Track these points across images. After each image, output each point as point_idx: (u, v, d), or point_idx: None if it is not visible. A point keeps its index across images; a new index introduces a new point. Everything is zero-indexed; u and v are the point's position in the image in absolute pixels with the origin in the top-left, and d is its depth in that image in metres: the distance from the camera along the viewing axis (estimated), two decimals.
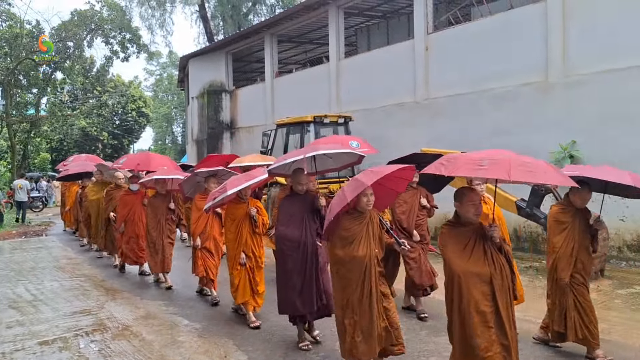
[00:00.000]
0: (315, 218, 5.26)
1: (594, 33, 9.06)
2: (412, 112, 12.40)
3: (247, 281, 6.04)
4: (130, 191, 8.92)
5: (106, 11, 26.72)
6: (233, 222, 6.06)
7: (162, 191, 8.02)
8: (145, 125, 47.84)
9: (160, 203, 8.02)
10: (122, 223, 8.82)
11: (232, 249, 6.06)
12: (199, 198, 7.00)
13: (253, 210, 6.00)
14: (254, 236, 6.08)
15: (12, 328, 6.22)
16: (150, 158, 9.73)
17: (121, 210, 8.87)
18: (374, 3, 15.49)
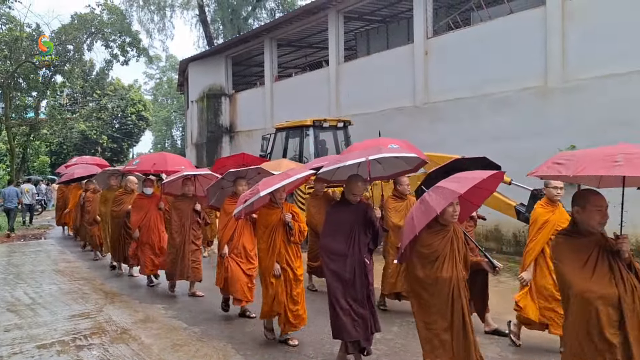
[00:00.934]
0: (367, 231, 4.71)
1: (593, 38, 9.08)
2: (412, 117, 12.42)
3: (283, 296, 5.34)
4: (144, 195, 8.33)
5: (106, 15, 26.75)
6: (266, 230, 5.43)
7: (189, 193, 7.37)
8: (144, 129, 47.85)
9: (186, 205, 7.37)
10: (137, 229, 8.19)
11: (265, 260, 5.43)
12: (228, 202, 6.30)
13: (288, 216, 5.33)
14: (289, 245, 5.40)
15: (10, 331, 6.19)
16: (166, 158, 9.00)
17: (135, 215, 8.19)
18: (374, 7, 15.53)
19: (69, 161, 16.73)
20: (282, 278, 5.35)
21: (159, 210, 8.17)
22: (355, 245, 4.65)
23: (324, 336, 5.48)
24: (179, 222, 7.38)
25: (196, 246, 7.46)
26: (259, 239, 5.57)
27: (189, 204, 7.39)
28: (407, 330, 5.80)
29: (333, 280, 4.65)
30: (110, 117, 42.03)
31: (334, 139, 12.13)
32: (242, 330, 5.99)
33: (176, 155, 10.16)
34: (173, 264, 7.43)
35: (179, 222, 7.38)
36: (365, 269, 4.65)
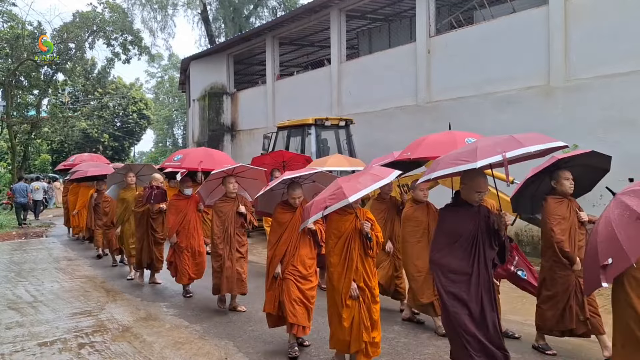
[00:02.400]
0: (492, 242, 3.81)
1: (596, 37, 9.06)
2: (414, 116, 12.40)
3: (359, 323, 4.44)
4: (182, 195, 7.42)
5: (108, 13, 26.75)
6: (338, 241, 4.53)
7: (232, 194, 6.44)
8: (146, 128, 47.89)
9: (229, 207, 6.43)
10: (175, 234, 7.29)
11: (339, 277, 4.51)
12: (280, 210, 5.25)
13: (366, 225, 4.45)
14: (366, 260, 4.53)
15: (11, 329, 6.19)
16: (212, 155, 8.11)
17: (172, 218, 7.30)
18: (376, 6, 15.51)
19: (67, 160, 15.85)
20: (359, 300, 4.47)
21: (198, 212, 7.43)
22: (481, 262, 3.75)
23: (326, 334, 5.46)
24: (222, 227, 6.42)
25: (241, 254, 6.52)
26: (330, 252, 4.60)
27: (232, 206, 6.44)
28: (408, 330, 5.78)
29: (456, 305, 3.75)
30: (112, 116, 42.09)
31: (336, 138, 12.13)
32: (244, 329, 5.98)
33: (222, 152, 9.02)
34: (218, 275, 6.49)
35: (222, 226, 6.42)
36: (493, 292, 3.79)
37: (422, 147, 5.79)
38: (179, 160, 7.88)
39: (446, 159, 3.74)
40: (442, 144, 5.62)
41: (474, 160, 3.47)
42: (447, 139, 5.81)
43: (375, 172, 4.47)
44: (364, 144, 12.16)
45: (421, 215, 5.70)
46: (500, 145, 3.58)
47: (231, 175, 6.46)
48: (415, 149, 5.87)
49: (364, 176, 4.37)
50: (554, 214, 4.78)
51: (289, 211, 5.17)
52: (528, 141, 3.61)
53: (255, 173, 6.72)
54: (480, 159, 3.43)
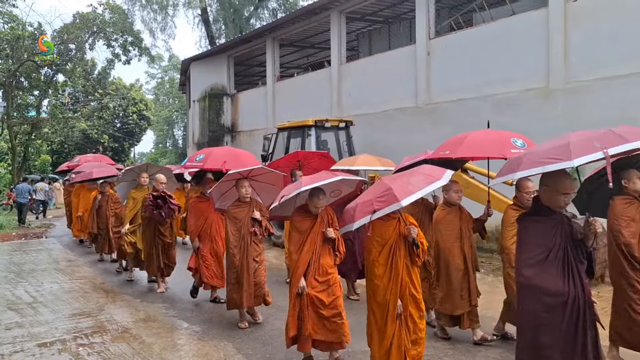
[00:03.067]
0: (581, 255, 3.22)
1: (596, 39, 9.07)
2: (414, 117, 12.41)
3: (404, 341, 4.02)
4: (203, 197, 7.00)
5: (108, 14, 26.81)
6: (383, 249, 4.07)
7: (245, 199, 5.92)
8: (146, 128, 47.95)
9: (244, 213, 5.91)
10: (197, 238, 6.93)
11: (384, 291, 4.04)
12: (298, 217, 4.75)
13: (414, 230, 4.01)
14: (412, 269, 4.11)
15: (11, 330, 6.20)
16: (237, 154, 7.48)
17: (194, 221, 6.93)
18: (376, 8, 15.53)
19: (72, 160, 15.20)
20: (405, 315, 4.04)
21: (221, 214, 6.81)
22: (576, 279, 3.13)
23: None
24: (238, 235, 5.90)
25: (257, 262, 5.97)
26: (373, 263, 4.11)
27: (247, 212, 5.94)
28: None
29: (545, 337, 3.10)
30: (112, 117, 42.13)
31: (336, 139, 12.14)
32: (243, 330, 5.98)
33: (247, 152, 8.17)
34: (233, 287, 5.95)
35: (238, 234, 5.90)
36: (592, 315, 3.13)
37: (465, 146, 5.28)
38: (201, 160, 7.22)
39: (531, 158, 3.16)
40: (487, 142, 5.28)
41: (569, 158, 2.94)
42: (492, 138, 5.45)
43: (427, 171, 4.02)
44: (364, 146, 12.15)
45: (454, 219, 5.36)
46: (598, 140, 3.02)
47: (245, 178, 5.96)
48: (456, 147, 5.35)
49: (416, 177, 3.92)
50: (622, 215, 4.42)
51: (308, 218, 4.68)
52: (632, 135, 3.02)
53: (273, 178, 6.19)
54: (577, 157, 2.91)
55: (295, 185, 4.67)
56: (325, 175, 4.64)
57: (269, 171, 6.21)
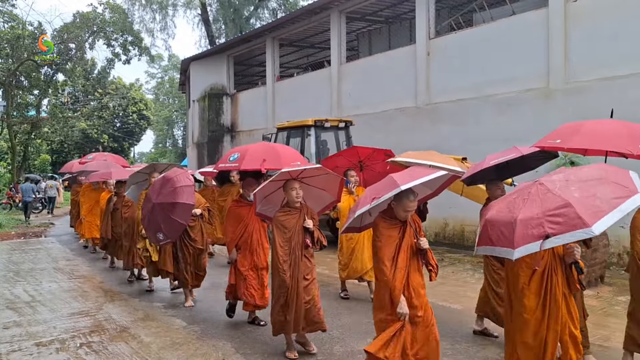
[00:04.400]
0: None
1: (596, 40, 9.07)
2: (414, 117, 12.41)
3: None
4: (243, 201, 5.95)
5: (108, 14, 26.82)
6: (534, 274, 3.34)
7: (295, 204, 4.92)
8: (146, 128, 47.99)
9: (294, 221, 4.90)
10: (234, 249, 5.89)
11: (536, 329, 3.30)
12: (386, 224, 3.94)
13: (577, 250, 3.31)
14: (570, 299, 3.40)
15: (9, 329, 6.18)
16: (277, 151, 6.28)
17: (232, 229, 5.87)
18: (376, 8, 15.53)
19: (84, 157, 13.78)
20: None
21: (263, 222, 5.89)
22: None
23: (324, 335, 5.46)
24: (288, 248, 4.88)
25: (308, 280, 4.92)
26: (522, 292, 3.36)
27: (298, 219, 4.92)
28: None
29: None
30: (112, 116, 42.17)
31: (336, 139, 12.13)
32: (242, 329, 5.96)
33: (288, 147, 7.05)
34: (283, 311, 4.92)
35: (288, 247, 4.88)
36: None
37: (582, 136, 4.58)
38: (236, 160, 6.22)
39: None
40: (610, 134, 4.52)
41: None
42: (617, 129, 4.58)
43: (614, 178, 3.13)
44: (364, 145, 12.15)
45: None
46: None
47: (295, 179, 4.94)
48: (570, 136, 4.64)
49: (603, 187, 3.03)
50: None
51: (396, 225, 3.90)
52: None
53: (326, 181, 5.16)
54: None
55: (388, 184, 3.73)
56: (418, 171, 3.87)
57: (324, 173, 5.10)
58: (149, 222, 6.48)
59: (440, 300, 6.94)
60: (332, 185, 5.19)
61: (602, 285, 7.67)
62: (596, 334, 4.82)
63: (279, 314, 4.95)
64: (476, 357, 4.96)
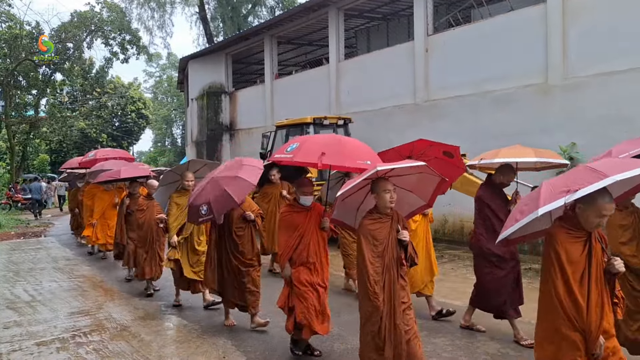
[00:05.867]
0: None
1: (594, 35, 9.07)
2: (412, 114, 12.40)
3: None
4: (297, 206, 4.99)
5: (106, 12, 26.77)
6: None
7: (387, 209, 3.96)
8: (144, 127, 47.92)
9: (386, 231, 3.94)
10: (288, 263, 4.85)
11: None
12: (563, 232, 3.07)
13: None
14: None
15: (9, 328, 6.19)
16: (342, 143, 4.80)
17: (285, 239, 4.89)
18: (374, 5, 15.51)
19: (86, 156, 12.60)
20: None
21: (322, 230, 4.87)
22: None
23: None
24: (381, 265, 3.89)
25: (405, 304, 3.94)
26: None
27: (391, 229, 3.96)
28: None
29: None
30: (110, 115, 42.10)
31: None
32: (243, 327, 5.97)
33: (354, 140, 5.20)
34: (376, 346, 3.88)
35: (381, 263, 3.89)
36: None
37: None
38: (293, 150, 4.88)
39: None
40: None
41: None
42: None
43: None
44: None
45: None
46: None
47: (386, 180, 3.98)
48: None
49: None
50: None
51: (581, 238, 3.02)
52: None
53: (421, 182, 4.28)
54: None
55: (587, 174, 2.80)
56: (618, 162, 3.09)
57: (421, 172, 4.14)
58: (196, 197, 5.45)
59: (440, 296, 6.95)
60: (424, 187, 4.31)
61: None
62: None
63: (369, 351, 3.91)
64: (476, 353, 4.97)
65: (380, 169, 3.81)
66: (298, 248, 4.83)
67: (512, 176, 5.40)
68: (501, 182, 5.42)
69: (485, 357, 4.86)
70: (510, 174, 5.38)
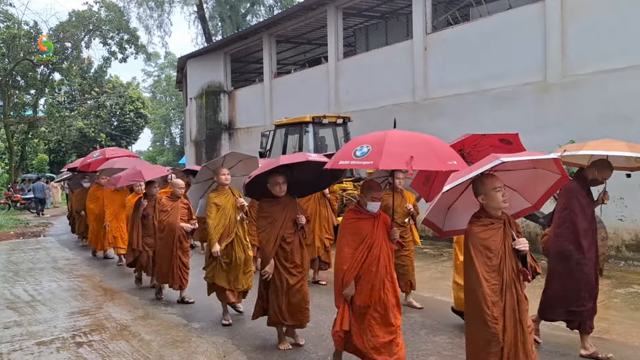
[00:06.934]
0: None
1: (593, 33, 9.07)
2: (411, 113, 12.40)
3: None
4: (364, 212, 4.21)
5: (104, 12, 26.77)
6: None
7: (499, 211, 3.37)
8: (143, 127, 47.90)
9: (499, 239, 3.32)
10: (352, 282, 4.07)
11: None
12: None
13: None
14: None
15: (9, 328, 6.18)
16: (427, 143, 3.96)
17: (350, 249, 4.10)
18: (373, 3, 15.51)
19: (89, 156, 11.84)
20: None
21: (391, 241, 4.19)
22: None
23: (323, 332, 5.47)
24: (497, 281, 3.26)
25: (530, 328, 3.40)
26: None
27: (503, 235, 3.35)
28: (406, 327, 5.78)
29: None
30: (109, 115, 42.09)
31: (334, 136, 12.12)
32: (243, 327, 5.96)
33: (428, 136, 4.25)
34: None
35: (496, 279, 3.26)
36: None
37: None
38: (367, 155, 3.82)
39: None
40: None
41: None
42: None
43: None
44: None
45: None
46: None
47: (494, 176, 3.38)
48: None
49: None
50: None
51: None
52: None
53: (531, 179, 3.65)
54: None
55: None
56: None
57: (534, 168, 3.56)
58: None
59: (439, 294, 6.96)
60: (534, 185, 3.64)
61: (601, 278, 7.69)
62: (595, 326, 4.84)
63: None
64: None
65: (507, 160, 3.12)
66: (366, 262, 4.07)
67: (608, 173, 4.71)
68: (594, 178, 4.73)
69: None
70: (606, 170, 4.70)
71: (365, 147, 3.99)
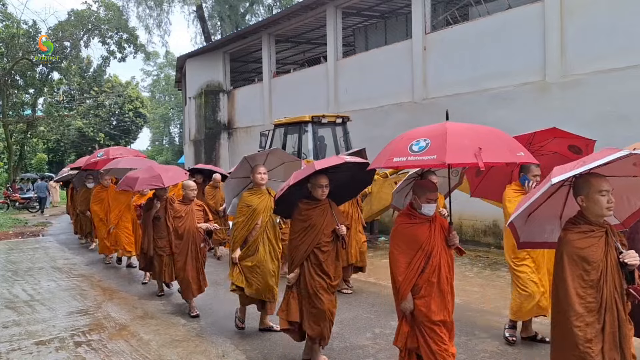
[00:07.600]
0: None
1: (592, 33, 9.07)
2: (411, 112, 12.40)
3: None
4: (418, 216, 3.76)
5: (103, 11, 26.74)
6: None
7: (602, 217, 2.94)
8: (142, 126, 47.88)
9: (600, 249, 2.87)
10: (409, 293, 3.66)
11: None
12: None
13: None
14: None
15: (8, 328, 6.18)
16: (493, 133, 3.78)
17: (405, 258, 3.68)
18: (372, 3, 15.50)
19: (94, 155, 11.17)
20: None
21: (449, 248, 3.77)
22: None
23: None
24: (595, 302, 2.84)
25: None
26: None
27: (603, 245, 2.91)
28: None
29: None
30: (108, 114, 42.07)
31: (333, 135, 12.11)
32: (242, 327, 5.96)
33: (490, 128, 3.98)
34: None
35: (596, 299, 2.84)
36: None
37: None
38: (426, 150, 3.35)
39: None
40: None
41: None
42: None
43: None
44: (361, 141, 12.14)
45: None
46: None
47: (601, 177, 2.91)
48: None
49: None
50: None
51: None
52: None
53: None
54: None
55: None
56: None
57: None
58: None
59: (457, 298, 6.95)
60: (631, 195, 3.15)
61: None
62: None
63: None
64: (475, 350, 4.98)
65: (635, 153, 2.64)
66: (425, 272, 3.64)
67: None
68: None
69: (484, 355, 4.86)
70: None
71: (423, 141, 3.50)
